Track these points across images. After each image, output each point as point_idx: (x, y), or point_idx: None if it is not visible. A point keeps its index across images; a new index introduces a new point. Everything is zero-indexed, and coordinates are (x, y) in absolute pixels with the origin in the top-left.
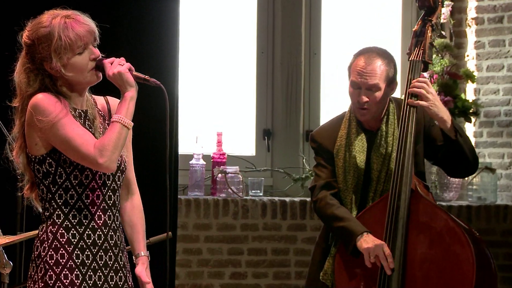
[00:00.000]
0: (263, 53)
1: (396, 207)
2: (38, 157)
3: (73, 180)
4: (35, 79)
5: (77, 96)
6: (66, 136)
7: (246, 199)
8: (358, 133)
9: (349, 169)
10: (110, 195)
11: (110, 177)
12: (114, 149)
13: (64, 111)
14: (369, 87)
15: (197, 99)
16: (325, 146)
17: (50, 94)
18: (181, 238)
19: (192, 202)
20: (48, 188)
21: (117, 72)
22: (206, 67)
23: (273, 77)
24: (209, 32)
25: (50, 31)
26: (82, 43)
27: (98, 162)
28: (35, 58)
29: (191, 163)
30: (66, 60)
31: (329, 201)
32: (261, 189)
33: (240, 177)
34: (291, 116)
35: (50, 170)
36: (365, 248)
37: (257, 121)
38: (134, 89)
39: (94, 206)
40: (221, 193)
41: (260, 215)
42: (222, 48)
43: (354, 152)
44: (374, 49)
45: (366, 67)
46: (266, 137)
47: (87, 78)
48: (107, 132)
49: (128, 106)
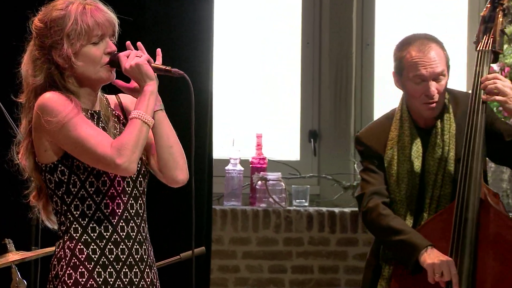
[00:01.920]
0: (308, 44)
1: (464, 220)
2: (48, 165)
3: (89, 187)
4: (41, 69)
5: (87, 95)
6: (78, 138)
7: (290, 209)
8: (412, 136)
9: (403, 178)
10: (132, 203)
11: (130, 182)
12: (134, 148)
13: (75, 110)
14: (437, 75)
15: (234, 97)
16: (374, 149)
17: (58, 93)
18: (216, 253)
19: (228, 212)
20: (62, 199)
21: (134, 64)
22: (243, 61)
23: (320, 72)
24: (247, 22)
25: (65, 14)
26: (100, 32)
27: (116, 162)
28: (44, 44)
29: (227, 168)
30: (78, 47)
31: (382, 211)
32: (306, 198)
33: (282, 184)
34: (340, 115)
35: (62, 178)
36: (429, 263)
37: (302, 121)
38: (154, 82)
39: (115, 216)
40: (261, 202)
41: (306, 228)
42: (262, 40)
43: (408, 158)
44: (419, 35)
45: (424, 55)
46: (312, 140)
47: (98, 74)
48: (126, 130)
49: (148, 101)
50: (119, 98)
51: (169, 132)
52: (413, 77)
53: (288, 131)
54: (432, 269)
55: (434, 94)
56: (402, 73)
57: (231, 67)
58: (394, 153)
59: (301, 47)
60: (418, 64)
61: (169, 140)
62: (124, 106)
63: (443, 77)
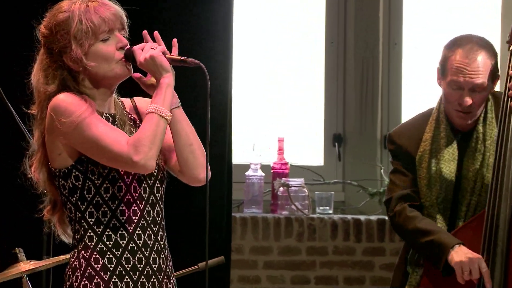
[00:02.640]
0: (333, 44)
1: (495, 228)
2: (62, 170)
3: (104, 193)
4: (53, 76)
5: (103, 97)
6: (93, 137)
7: (313, 217)
8: (448, 138)
9: (435, 182)
10: (149, 210)
11: (146, 189)
12: (152, 143)
13: (89, 109)
14: (474, 87)
15: (255, 99)
16: (406, 149)
17: (72, 94)
18: (236, 263)
19: (248, 220)
20: (76, 206)
21: (149, 56)
22: (264, 62)
23: (344, 72)
24: (267, 20)
25: (69, 16)
26: (106, 27)
27: (134, 159)
28: (53, 50)
29: (247, 174)
30: (87, 46)
31: (409, 214)
32: (330, 205)
33: (305, 191)
34: (366, 118)
35: (76, 184)
36: (457, 261)
37: (326, 124)
38: (171, 74)
39: (131, 223)
40: (283, 210)
41: (330, 237)
42: (283, 39)
43: (442, 161)
44: (473, 38)
45: (469, 63)
46: (337, 144)
47: (114, 70)
48: (142, 125)
49: (165, 94)
50: (134, 102)
51: (188, 130)
52: (450, 81)
53: (312, 135)
54: (460, 267)
55: (466, 105)
56: (444, 73)
57: (251, 68)
58: (426, 154)
59: (325, 46)
60: (459, 70)
61: (188, 138)
62: (140, 110)
63: (483, 90)
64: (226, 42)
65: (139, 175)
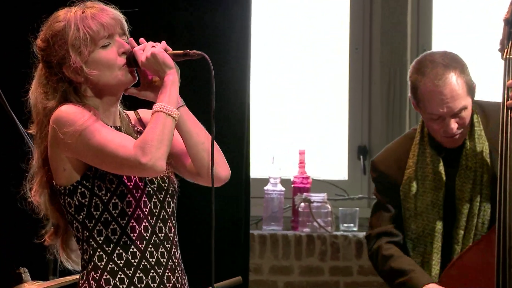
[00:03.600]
0: (357, 50)
1: (509, 249)
2: (67, 187)
3: (113, 209)
4: (54, 90)
5: (108, 108)
6: (98, 144)
7: (337, 234)
8: (433, 164)
9: (421, 212)
10: (160, 226)
11: (157, 203)
12: (159, 143)
13: (92, 117)
14: (456, 112)
15: (274, 109)
16: (390, 177)
17: (75, 104)
18: (255, 284)
19: (267, 238)
20: (83, 224)
21: (150, 55)
22: (284, 70)
23: (370, 80)
24: (287, 26)
25: (65, 24)
26: (106, 33)
27: (141, 161)
28: (52, 63)
29: (266, 189)
30: (87, 54)
31: (385, 253)
32: (355, 222)
33: (328, 206)
34: (393, 129)
35: (83, 201)
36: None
37: (350, 136)
38: (174, 70)
39: (142, 240)
40: (304, 227)
41: (355, 256)
42: (304, 45)
43: (428, 191)
44: (436, 60)
45: (442, 91)
46: (362, 157)
47: (117, 77)
48: (148, 126)
49: (170, 91)
50: (138, 114)
51: (197, 128)
52: (429, 113)
53: (335, 147)
54: None
55: (453, 132)
56: (418, 104)
57: (270, 76)
58: (411, 183)
59: (349, 53)
60: (434, 101)
61: (198, 136)
62: (145, 122)
63: (464, 110)
64: (243, 49)
65: (148, 189)
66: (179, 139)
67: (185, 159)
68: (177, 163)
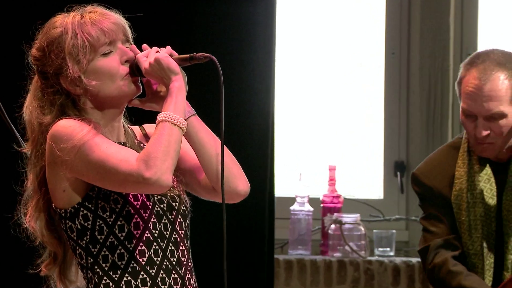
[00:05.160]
0: (394, 55)
1: None
2: (68, 210)
3: (119, 232)
4: (50, 104)
5: (110, 122)
6: (98, 159)
7: (371, 260)
8: (483, 171)
9: (476, 225)
10: (172, 249)
11: (167, 225)
12: (165, 155)
13: (92, 131)
14: (490, 116)
15: (301, 121)
16: (438, 190)
17: (73, 118)
18: None
19: (294, 263)
20: (87, 250)
21: (153, 61)
22: (312, 77)
23: (408, 88)
24: (315, 26)
25: (62, 31)
26: (107, 39)
27: (145, 176)
28: (48, 74)
29: (292, 209)
30: (86, 63)
31: (452, 268)
32: (391, 246)
33: (362, 229)
34: (434, 142)
35: (85, 224)
36: None
37: (386, 150)
38: (180, 76)
39: (153, 265)
40: (335, 251)
41: (391, 283)
42: (334, 49)
43: (481, 200)
44: (491, 55)
45: (481, 87)
46: (399, 173)
47: (120, 88)
48: (152, 137)
49: (176, 99)
50: (144, 130)
51: (211, 139)
52: (463, 108)
53: (369, 162)
54: None
55: (480, 136)
56: (460, 96)
57: (297, 83)
58: (463, 194)
59: (385, 58)
60: (467, 95)
61: (212, 147)
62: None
63: (502, 118)
64: (267, 54)
65: (157, 209)
66: (190, 153)
67: (198, 173)
68: (189, 179)
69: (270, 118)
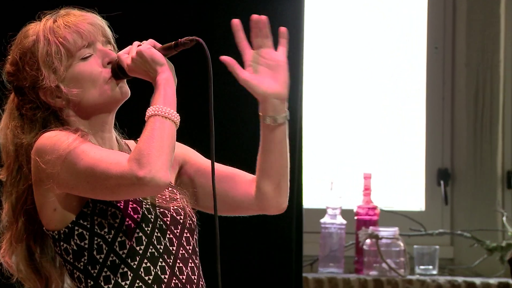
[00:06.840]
0: (437, 50)
1: None
2: (61, 230)
3: (120, 249)
4: (31, 121)
5: (99, 133)
6: (87, 167)
7: (411, 279)
8: None
9: None
10: (180, 266)
11: (173, 240)
12: (158, 151)
13: (78, 139)
14: None
15: (332, 126)
16: None
17: (59, 129)
18: None
19: (325, 282)
20: (86, 272)
21: (135, 54)
22: (344, 76)
23: (453, 88)
24: (348, 21)
25: (35, 39)
26: (85, 41)
27: (139, 175)
28: (24, 88)
29: (323, 222)
30: (63, 70)
31: None
32: (435, 263)
33: (401, 244)
34: (482, 149)
35: (82, 244)
36: None
37: (428, 157)
38: (166, 66)
39: (160, 284)
40: (371, 269)
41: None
42: (370, 44)
43: None
44: None
45: None
46: (443, 183)
47: (105, 94)
48: (143, 134)
49: (165, 91)
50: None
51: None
52: None
53: (409, 170)
54: None
55: None
56: None
57: (328, 84)
58: None
59: (427, 53)
60: None
61: (287, 160)
62: None
63: None
64: (295, 53)
65: (160, 223)
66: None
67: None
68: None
69: (298, 122)
